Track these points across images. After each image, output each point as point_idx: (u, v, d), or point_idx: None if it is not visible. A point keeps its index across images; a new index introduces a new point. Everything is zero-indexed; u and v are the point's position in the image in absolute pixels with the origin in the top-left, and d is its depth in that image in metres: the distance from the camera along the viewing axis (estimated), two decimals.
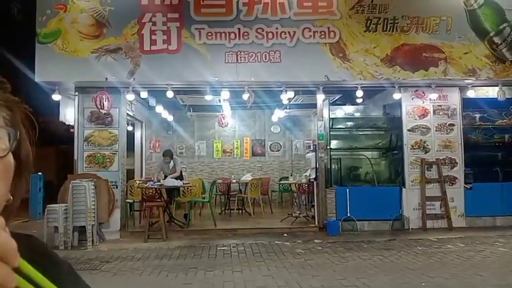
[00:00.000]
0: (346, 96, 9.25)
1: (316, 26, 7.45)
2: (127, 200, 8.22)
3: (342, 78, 7.51)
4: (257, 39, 7.37)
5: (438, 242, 6.76)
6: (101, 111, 7.40)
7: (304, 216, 8.54)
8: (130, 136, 9.90)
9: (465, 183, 8.03)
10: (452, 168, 8.03)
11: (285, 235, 7.48)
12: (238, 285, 4.68)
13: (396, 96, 7.99)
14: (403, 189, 7.94)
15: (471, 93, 7.97)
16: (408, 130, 8.05)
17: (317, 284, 4.58)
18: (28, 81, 7.57)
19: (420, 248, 6.34)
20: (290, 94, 8.19)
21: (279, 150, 12.64)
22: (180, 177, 8.79)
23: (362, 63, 7.49)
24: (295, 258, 5.84)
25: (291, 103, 10.11)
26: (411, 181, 7.97)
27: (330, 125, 8.38)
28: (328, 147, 8.22)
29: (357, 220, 7.64)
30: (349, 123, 9.14)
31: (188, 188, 8.53)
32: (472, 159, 8.18)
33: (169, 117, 11.51)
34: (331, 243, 6.81)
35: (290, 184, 10.20)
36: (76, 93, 7.64)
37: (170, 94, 7.76)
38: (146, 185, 8.16)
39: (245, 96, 7.85)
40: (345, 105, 9.61)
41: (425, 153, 8.02)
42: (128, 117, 8.83)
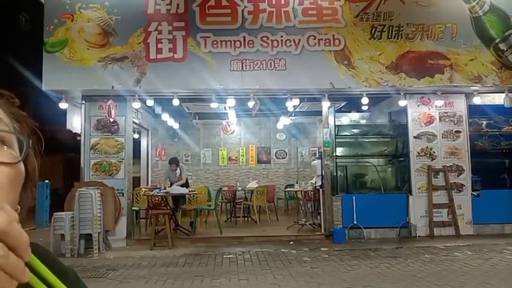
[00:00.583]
0: (351, 103, 9.26)
1: (321, 34, 7.47)
2: (133, 208, 8.23)
3: (347, 85, 7.51)
4: (262, 47, 7.41)
5: (446, 250, 6.70)
6: (109, 119, 7.46)
7: (310, 224, 8.50)
8: (136, 144, 9.94)
9: (472, 190, 7.97)
10: (459, 175, 7.98)
11: (291, 243, 7.45)
12: None
13: (402, 103, 7.97)
14: (410, 196, 7.89)
15: (477, 99, 7.93)
16: (414, 137, 8.03)
17: None
18: (35, 89, 7.65)
19: (428, 256, 6.29)
20: (295, 101, 8.20)
21: (285, 157, 12.64)
22: (186, 184, 8.79)
23: (367, 70, 7.50)
24: (301, 266, 5.81)
25: (296, 110, 10.12)
26: (418, 188, 7.93)
27: (336, 132, 8.37)
28: (334, 154, 8.21)
29: (364, 228, 7.60)
30: (354, 130, 9.13)
31: (194, 196, 8.53)
32: (479, 166, 8.13)
33: (175, 124, 11.56)
34: (337, 251, 6.78)
35: (296, 191, 10.17)
36: (83, 101, 7.70)
37: (176, 102, 7.79)
38: (152, 193, 8.17)
39: (250, 103, 7.87)
40: (351, 112, 9.61)
41: (431, 160, 7.98)
42: (134, 125, 8.87)
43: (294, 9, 7.48)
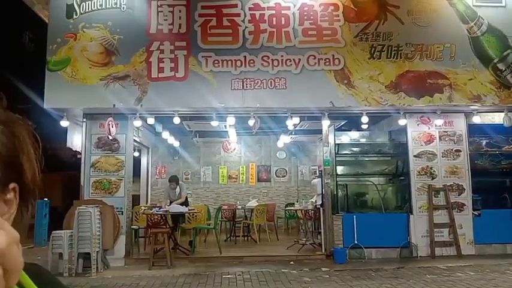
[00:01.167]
0: (351, 122, 9.29)
1: (320, 54, 7.55)
2: (132, 226, 8.18)
3: (347, 104, 7.55)
4: (263, 66, 7.48)
5: (448, 270, 6.62)
6: (109, 136, 7.47)
7: (310, 243, 8.43)
8: (136, 162, 9.93)
9: (473, 209, 7.93)
10: (459, 194, 7.95)
11: (292, 263, 7.37)
12: None
13: (402, 122, 8.00)
14: (411, 215, 7.84)
15: (477, 119, 7.96)
16: (414, 156, 8.03)
17: None
18: (37, 107, 7.69)
19: (429, 277, 6.22)
20: (295, 120, 8.23)
21: (285, 176, 12.61)
22: (186, 203, 8.75)
23: (367, 89, 7.55)
24: (302, 287, 5.74)
25: (297, 129, 10.15)
26: (419, 208, 7.89)
27: (336, 151, 8.37)
28: (334, 173, 8.20)
29: (365, 247, 7.54)
30: (355, 149, 9.13)
31: (193, 214, 8.48)
32: (480, 185, 8.10)
33: (175, 143, 11.58)
34: (338, 271, 6.70)
35: (296, 210, 10.11)
36: (84, 119, 7.73)
37: (177, 120, 7.82)
38: (151, 211, 8.13)
39: (251, 122, 7.90)
40: (351, 130, 9.63)
41: (432, 179, 7.96)
42: (135, 143, 8.89)
43: (294, 29, 7.58)
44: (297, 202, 10.69)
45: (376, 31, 7.65)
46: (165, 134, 10.46)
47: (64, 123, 7.61)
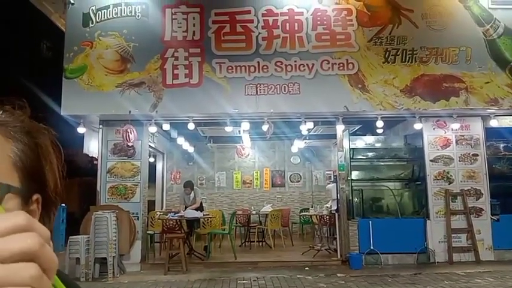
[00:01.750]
0: (366, 126, 9.22)
1: (334, 58, 7.54)
2: (148, 232, 8.24)
3: (362, 108, 7.52)
4: (276, 71, 7.50)
5: (466, 277, 6.51)
6: (127, 143, 7.57)
7: (326, 249, 8.38)
8: (152, 167, 10.02)
9: (492, 214, 7.79)
10: (477, 199, 7.82)
11: (307, 269, 7.33)
12: None
13: (417, 126, 7.92)
14: (428, 221, 7.74)
15: (494, 122, 7.84)
16: (431, 160, 7.93)
17: None
18: (54, 114, 7.82)
19: (447, 283, 6.12)
20: (309, 125, 8.20)
21: (299, 181, 12.57)
22: (200, 208, 8.79)
23: (381, 93, 7.50)
24: None
25: (311, 134, 10.12)
26: (436, 213, 7.78)
27: (351, 156, 8.32)
28: (349, 178, 8.14)
29: (381, 253, 7.46)
30: (370, 153, 9.06)
31: (208, 220, 8.51)
32: (498, 189, 7.96)
33: (190, 148, 11.64)
34: (354, 277, 6.64)
35: (311, 216, 10.07)
36: (100, 126, 7.84)
37: (191, 126, 7.88)
38: (167, 217, 8.19)
39: (265, 127, 7.91)
40: (365, 135, 9.56)
41: (449, 184, 7.86)
42: (150, 149, 8.96)
43: (308, 34, 7.59)
44: (312, 207, 10.64)
45: (390, 35, 7.61)
46: (180, 140, 10.54)
47: (81, 129, 7.73)
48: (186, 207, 8.62)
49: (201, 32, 7.58)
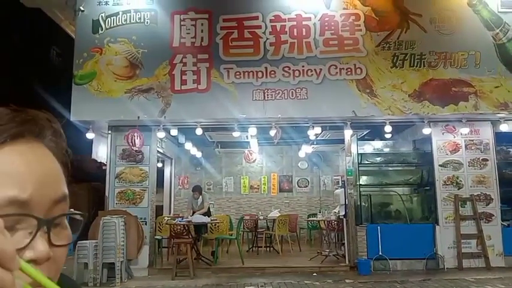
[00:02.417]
0: (374, 131, 9.18)
1: (342, 63, 7.54)
2: (156, 237, 8.26)
3: (370, 113, 7.49)
4: (284, 77, 7.51)
5: (476, 283, 6.43)
6: (133, 148, 7.60)
7: (334, 254, 8.33)
8: (160, 172, 10.06)
9: (502, 220, 7.70)
10: (487, 204, 7.74)
11: (315, 274, 7.29)
12: None
13: (426, 131, 7.87)
14: (437, 226, 7.67)
15: (504, 127, 7.76)
16: (440, 165, 7.87)
17: None
18: (63, 120, 7.88)
19: None
20: (317, 130, 8.19)
21: (307, 186, 12.53)
22: (208, 213, 8.80)
23: (390, 98, 7.47)
24: None
25: (318, 139, 10.10)
26: (445, 218, 7.71)
27: (359, 161, 8.28)
28: (357, 183, 8.11)
29: (389, 259, 7.40)
30: (378, 158, 9.01)
31: (216, 225, 8.51)
32: (509, 195, 7.88)
33: (197, 153, 11.68)
34: (362, 283, 6.59)
35: (319, 221, 10.02)
36: (109, 131, 7.89)
37: (199, 131, 7.91)
38: (174, 221, 8.20)
39: (272, 132, 7.91)
40: (374, 140, 9.52)
41: (458, 189, 7.78)
42: (158, 154, 9.00)
43: (315, 39, 7.60)
44: (320, 213, 10.59)
45: (398, 40, 7.59)
46: (188, 145, 10.58)
47: (90, 135, 7.79)
48: (194, 211, 8.63)
49: (209, 38, 7.62)
